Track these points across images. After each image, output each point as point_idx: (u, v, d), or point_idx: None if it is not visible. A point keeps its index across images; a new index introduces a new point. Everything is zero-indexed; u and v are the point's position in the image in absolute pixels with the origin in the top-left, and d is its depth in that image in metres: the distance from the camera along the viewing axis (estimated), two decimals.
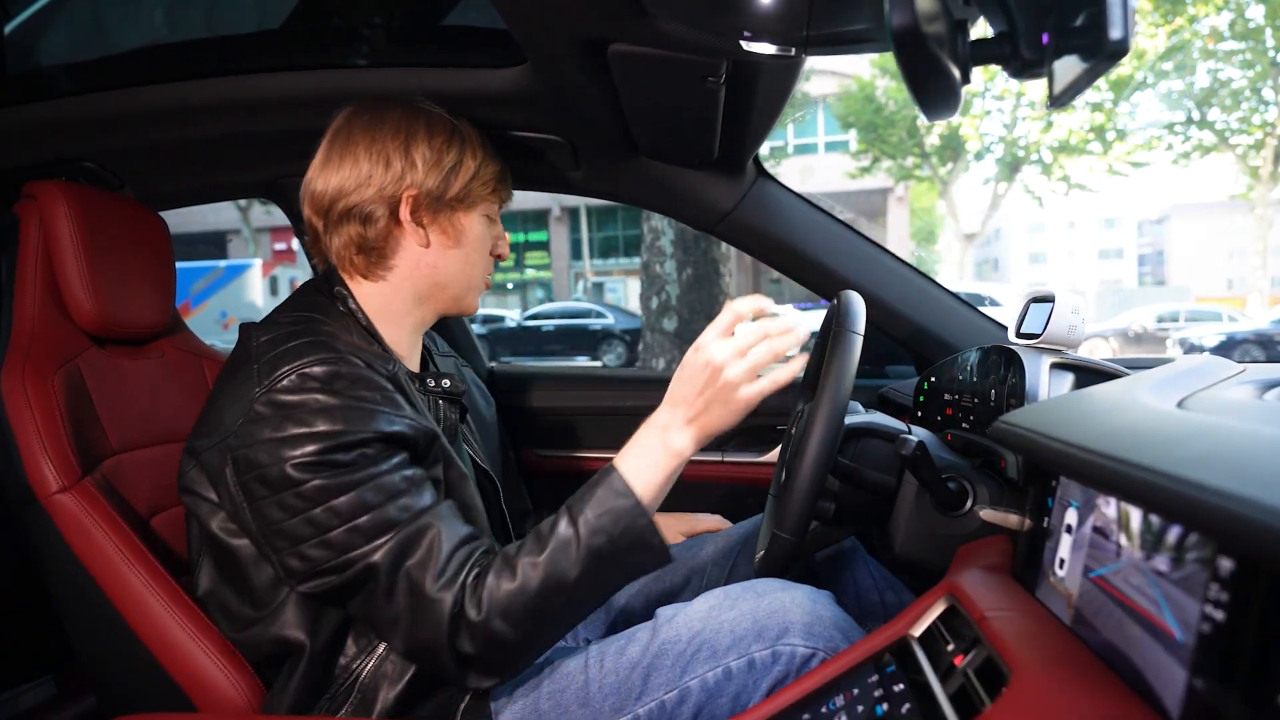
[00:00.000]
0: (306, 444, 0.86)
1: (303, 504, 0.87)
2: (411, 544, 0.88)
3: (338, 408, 0.88)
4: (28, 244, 1.16)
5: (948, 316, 1.55)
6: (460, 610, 0.86)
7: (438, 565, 0.87)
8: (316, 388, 0.89)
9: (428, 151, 1.03)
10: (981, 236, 19.29)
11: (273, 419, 0.88)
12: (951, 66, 0.53)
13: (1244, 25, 13.86)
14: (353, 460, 0.87)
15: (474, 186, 1.07)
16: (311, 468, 0.86)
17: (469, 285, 1.11)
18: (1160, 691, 0.53)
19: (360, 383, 0.91)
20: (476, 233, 1.09)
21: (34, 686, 1.51)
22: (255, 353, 0.94)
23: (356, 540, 0.87)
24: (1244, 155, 15.55)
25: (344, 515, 0.87)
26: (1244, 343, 12.38)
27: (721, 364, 0.88)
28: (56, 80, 1.37)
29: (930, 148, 16.70)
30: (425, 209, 1.04)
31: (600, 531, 0.87)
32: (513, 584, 0.86)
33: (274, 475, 0.87)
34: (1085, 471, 0.60)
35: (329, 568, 0.88)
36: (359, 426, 0.88)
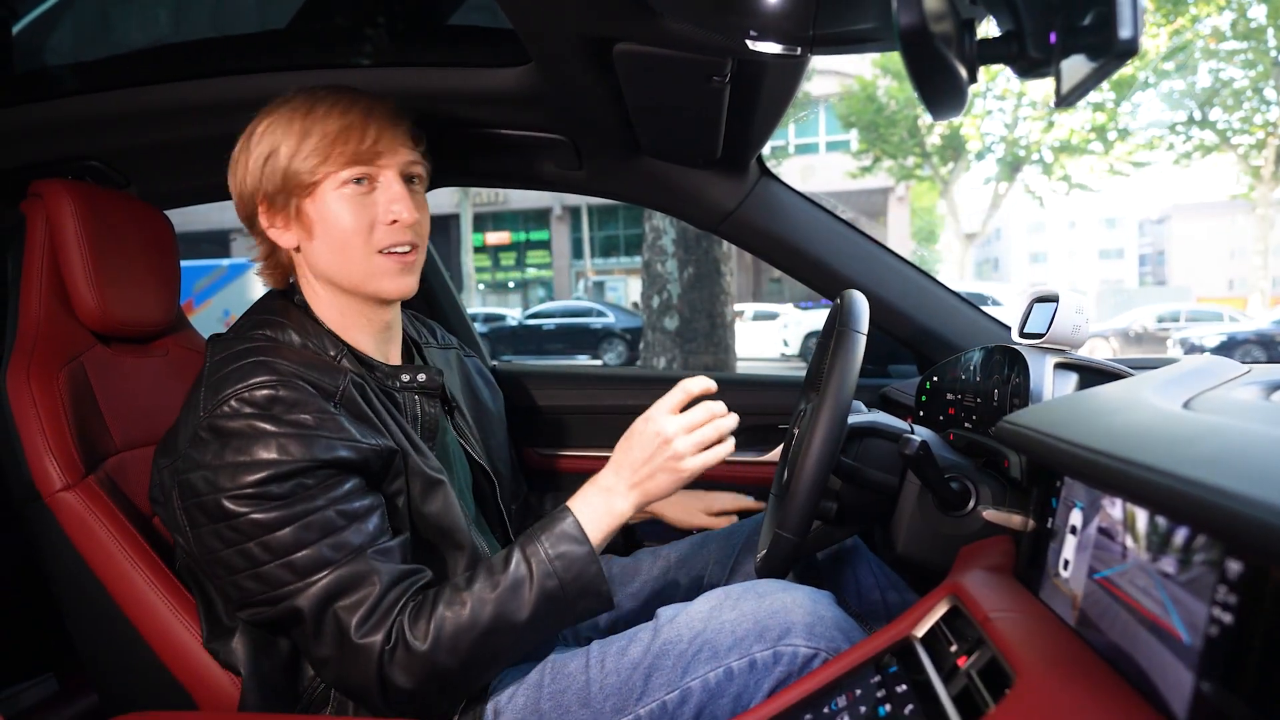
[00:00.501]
0: (242, 474, 0.85)
1: (238, 536, 0.86)
2: (343, 586, 0.86)
3: (275, 434, 0.86)
4: (34, 242, 1.16)
5: (950, 316, 1.55)
6: (394, 647, 0.85)
7: (367, 607, 0.86)
8: (254, 414, 0.87)
9: (249, 151, 0.98)
10: (982, 236, 19.27)
11: (212, 445, 0.87)
12: (958, 66, 0.53)
13: (1246, 25, 13.84)
14: (288, 492, 0.86)
15: (296, 168, 0.95)
16: (248, 500, 0.85)
17: (356, 272, 0.99)
18: (1166, 695, 0.53)
19: (299, 406, 0.88)
20: (329, 215, 0.97)
21: (36, 684, 1.51)
22: (207, 372, 0.93)
23: (288, 577, 0.86)
24: (1245, 155, 15.53)
25: (276, 551, 0.85)
26: (1245, 343, 12.36)
27: (671, 436, 0.93)
28: (63, 79, 1.37)
29: (931, 147, 16.69)
30: (275, 210, 0.99)
31: (553, 575, 0.90)
32: (463, 618, 0.87)
33: (210, 506, 0.86)
34: (1091, 472, 0.60)
35: (262, 600, 0.88)
36: (296, 455, 0.86)
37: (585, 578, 0.91)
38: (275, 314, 1.01)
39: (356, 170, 0.97)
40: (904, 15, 0.48)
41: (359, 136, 0.96)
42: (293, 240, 1.01)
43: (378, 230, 0.99)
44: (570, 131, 1.36)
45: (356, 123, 0.96)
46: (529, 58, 1.12)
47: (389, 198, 0.98)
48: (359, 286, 1.01)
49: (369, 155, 0.97)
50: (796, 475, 0.96)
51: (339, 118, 0.96)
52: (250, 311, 1.03)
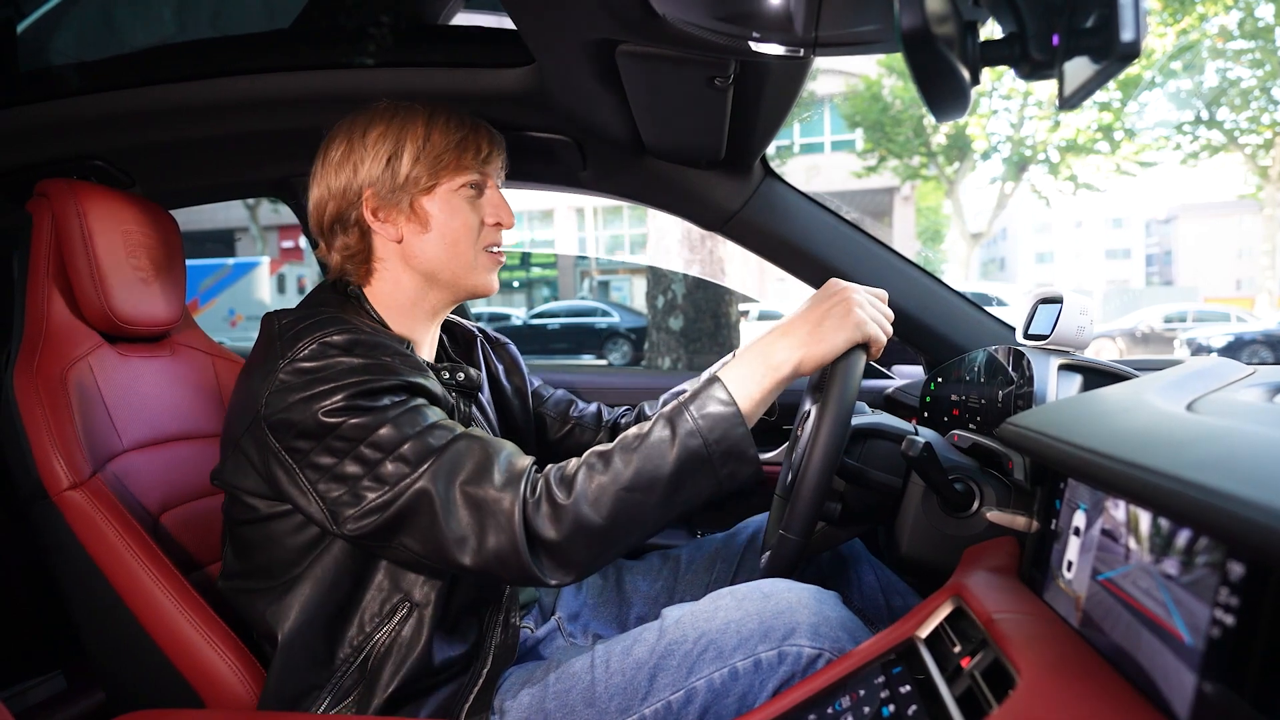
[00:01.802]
0: (336, 394, 0.90)
1: (345, 444, 0.90)
2: (458, 462, 0.90)
3: (361, 365, 0.92)
4: (40, 242, 1.17)
5: (955, 317, 1.55)
6: (539, 499, 0.88)
7: (493, 472, 0.89)
8: (337, 353, 0.93)
9: (365, 149, 1.04)
10: (988, 236, 19.23)
11: (299, 384, 0.91)
12: (961, 68, 0.53)
13: (1253, 24, 13.78)
14: (382, 402, 0.91)
15: (419, 169, 1.04)
16: (344, 411, 0.90)
17: (461, 266, 1.08)
18: (1169, 696, 0.53)
19: (379, 347, 0.95)
20: (445, 212, 1.06)
21: (43, 681, 1.52)
22: (277, 333, 0.97)
23: (403, 469, 0.89)
24: (1253, 155, 15.45)
25: (386, 447, 0.89)
26: (1252, 343, 12.31)
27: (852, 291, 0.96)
28: (68, 79, 1.38)
29: (937, 147, 16.65)
30: (384, 205, 1.05)
31: (696, 434, 0.89)
32: (604, 474, 0.88)
33: (311, 427, 0.90)
34: (1094, 474, 0.60)
35: (382, 502, 0.89)
36: (384, 375, 0.92)
37: (731, 439, 0.89)
38: (332, 306, 1.05)
39: (473, 177, 1.07)
40: (906, 17, 0.48)
41: (476, 147, 1.07)
42: (397, 233, 1.06)
43: (484, 231, 1.09)
44: (574, 131, 1.37)
45: (472, 135, 1.07)
46: (532, 58, 1.12)
47: (495, 204, 1.10)
48: (460, 279, 1.09)
49: (483, 164, 1.08)
50: (801, 476, 0.96)
51: (457, 129, 1.06)
52: (307, 303, 1.07)
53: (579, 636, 1.21)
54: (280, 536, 0.98)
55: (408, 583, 0.99)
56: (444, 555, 0.89)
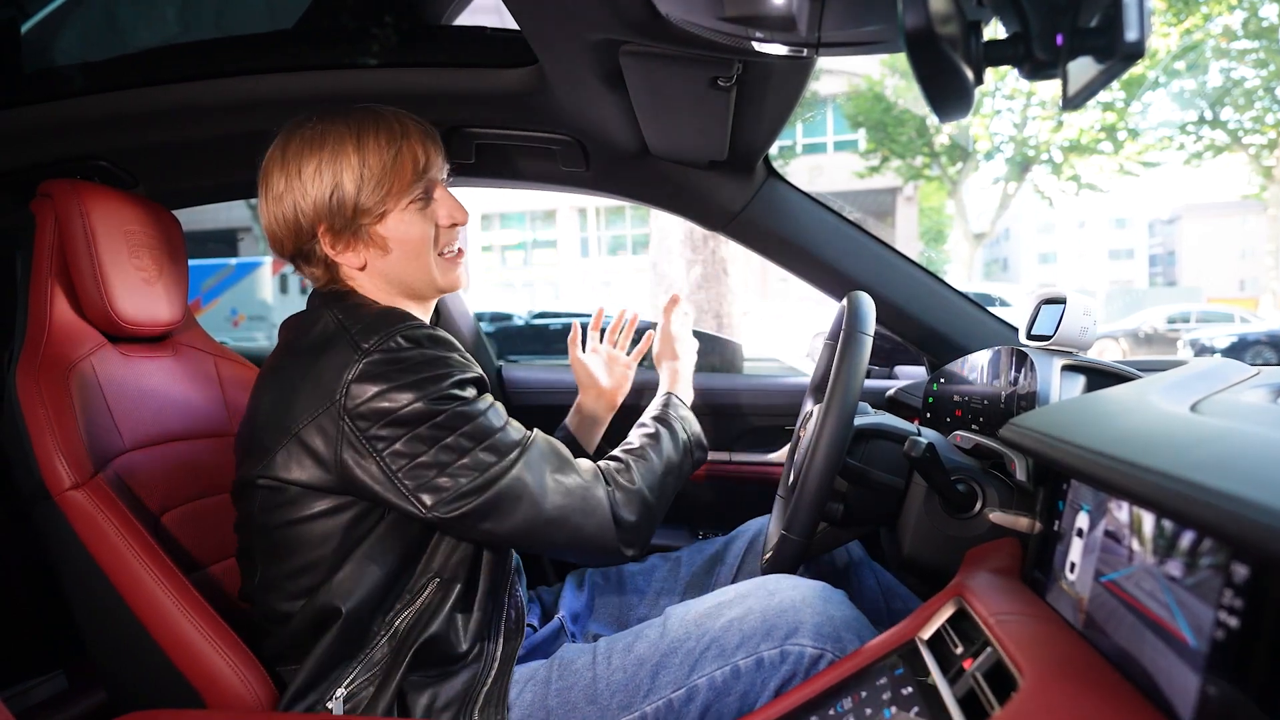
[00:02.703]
0: (426, 386, 0.93)
1: (441, 432, 0.93)
2: (543, 454, 1.00)
3: (443, 358, 0.97)
4: (43, 242, 1.17)
5: (958, 317, 1.54)
6: (616, 490, 1.04)
7: (575, 464, 1.03)
8: (425, 342, 0.97)
9: (304, 185, 1.01)
10: (990, 236, 19.20)
11: (386, 373, 0.93)
12: (965, 68, 0.53)
13: (1257, 24, 13.74)
14: (471, 395, 0.98)
15: (365, 198, 1.01)
16: (443, 399, 0.94)
17: (425, 274, 1.08)
18: (1172, 698, 0.53)
19: (447, 343, 1.00)
20: (400, 232, 1.04)
21: (45, 680, 1.52)
22: (342, 326, 0.98)
23: (492, 458, 0.95)
24: (1257, 155, 15.41)
25: (478, 437, 0.95)
26: (1256, 344, 12.27)
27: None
28: (71, 79, 1.38)
29: (939, 147, 16.62)
30: (339, 238, 1.03)
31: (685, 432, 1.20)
32: (647, 465, 1.10)
33: (407, 414, 0.92)
34: (1097, 475, 0.59)
35: (475, 487, 0.94)
36: (465, 371, 0.98)
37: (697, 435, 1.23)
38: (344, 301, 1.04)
39: (417, 190, 1.05)
40: (910, 17, 0.48)
41: (412, 158, 1.03)
42: (360, 260, 1.05)
43: (441, 235, 1.08)
44: (577, 131, 1.37)
45: (408, 148, 1.03)
46: (535, 58, 1.12)
47: (447, 207, 1.08)
48: (430, 286, 1.10)
49: (424, 173, 1.05)
50: (803, 477, 0.96)
51: (388, 145, 1.02)
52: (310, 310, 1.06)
53: (581, 637, 1.21)
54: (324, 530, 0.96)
55: (438, 560, 1.01)
56: (538, 536, 0.99)
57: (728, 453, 1.77)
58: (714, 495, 1.79)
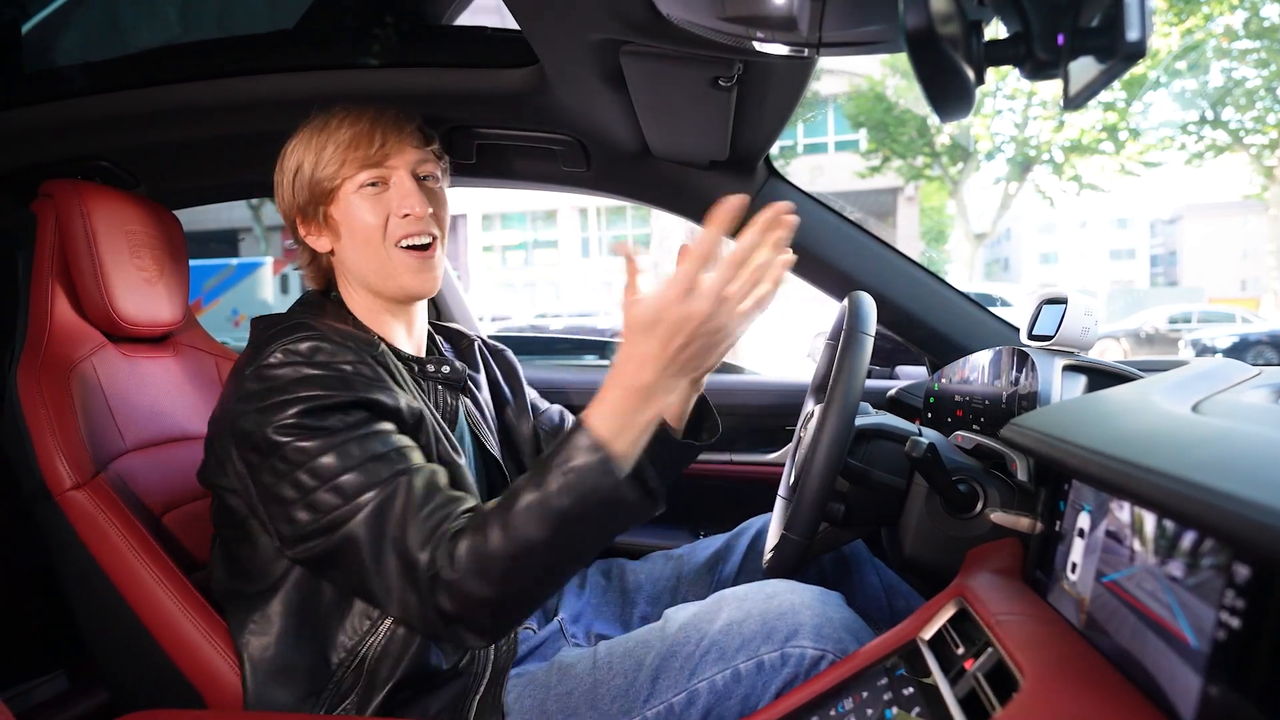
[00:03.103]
0: (288, 409, 0.89)
1: (287, 467, 0.89)
2: (388, 506, 0.86)
3: (317, 376, 0.91)
4: (44, 242, 1.17)
5: (959, 318, 1.54)
6: (436, 574, 0.83)
7: (418, 525, 0.85)
8: (299, 360, 0.92)
9: (284, 171, 1.07)
10: (992, 236, 19.18)
11: (259, 391, 0.91)
12: (966, 68, 0.53)
13: (1259, 24, 13.73)
14: (331, 424, 0.90)
15: (318, 178, 1.04)
16: (291, 430, 0.89)
17: (378, 268, 1.05)
18: (1174, 698, 0.53)
19: (339, 355, 0.94)
20: (350, 215, 1.04)
21: (46, 680, 1.52)
22: (250, 340, 1.00)
23: (335, 500, 0.87)
24: (1258, 155, 15.39)
25: (323, 476, 0.88)
26: (1258, 344, 12.26)
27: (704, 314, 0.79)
28: (72, 79, 1.38)
29: (941, 147, 16.62)
30: (305, 221, 1.08)
31: (565, 492, 0.80)
32: (484, 545, 0.81)
33: (260, 441, 0.90)
34: (1099, 475, 0.59)
35: (314, 530, 0.88)
36: (337, 391, 0.91)
37: (603, 490, 0.80)
38: (314, 306, 1.08)
39: (369, 174, 1.04)
40: (911, 17, 0.48)
41: (368, 142, 1.03)
42: (326, 245, 1.08)
43: (392, 224, 1.04)
44: (578, 131, 1.37)
45: (364, 130, 1.03)
46: (536, 58, 1.12)
47: (401, 194, 1.05)
48: (384, 283, 1.06)
49: (378, 158, 1.04)
50: (804, 477, 0.96)
51: (349, 127, 1.04)
52: (293, 306, 1.10)
53: (581, 637, 1.21)
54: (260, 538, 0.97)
55: None
56: (372, 602, 0.90)
57: (728, 453, 1.77)
58: (715, 496, 1.79)
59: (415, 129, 1.08)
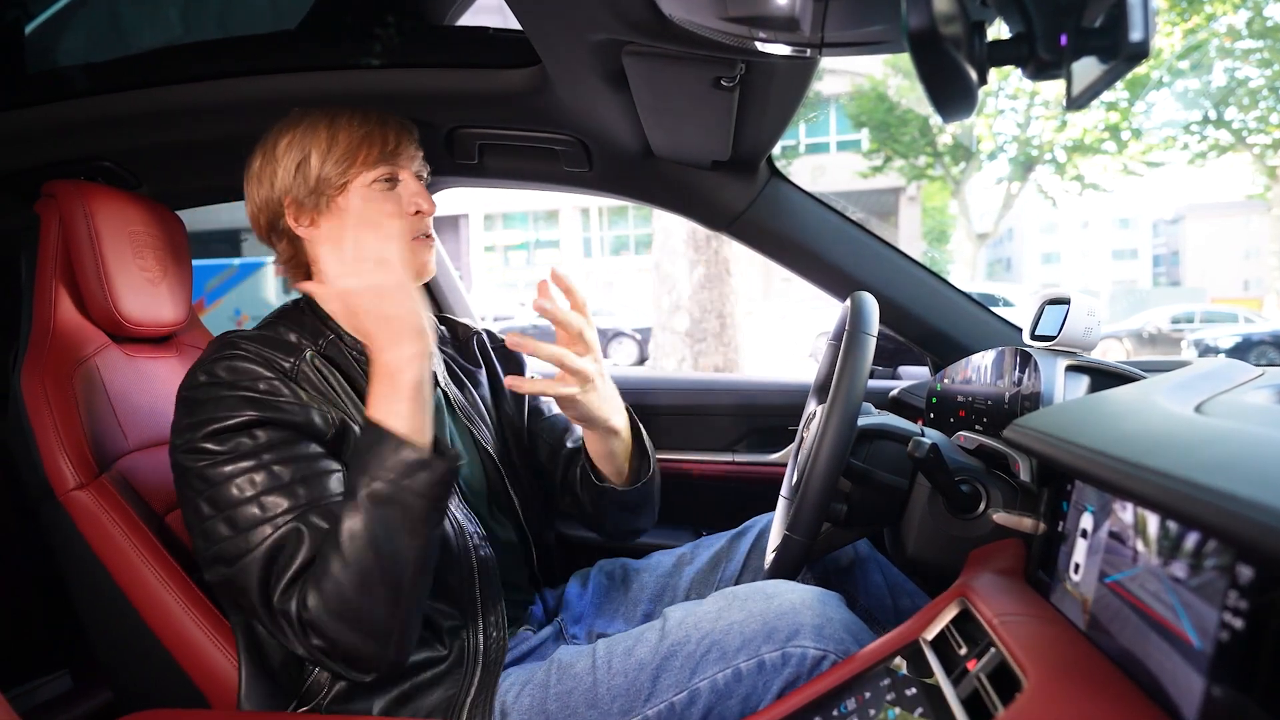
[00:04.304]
0: (194, 432, 0.92)
1: (191, 492, 0.92)
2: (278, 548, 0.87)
3: (223, 396, 0.93)
4: (47, 243, 1.17)
5: (961, 318, 1.54)
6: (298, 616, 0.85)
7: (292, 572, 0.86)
8: (209, 382, 0.94)
9: (277, 159, 1.07)
10: (994, 236, 19.16)
11: (178, 413, 0.95)
12: (968, 68, 0.53)
13: (1262, 24, 13.70)
14: (231, 448, 0.91)
15: (329, 169, 1.05)
16: (196, 454, 0.91)
17: None
18: (1177, 699, 0.53)
19: (250, 374, 0.95)
20: (359, 206, 1.05)
21: (50, 679, 1.52)
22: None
23: (226, 531, 0.88)
24: (1261, 155, 15.36)
25: (220, 505, 0.89)
26: (1260, 344, 12.24)
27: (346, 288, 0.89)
28: (75, 80, 1.38)
29: (943, 147, 16.60)
30: (304, 210, 1.07)
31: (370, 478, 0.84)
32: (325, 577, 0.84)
33: (176, 466, 0.93)
34: (1101, 476, 0.59)
35: (209, 558, 0.90)
36: (240, 409, 0.92)
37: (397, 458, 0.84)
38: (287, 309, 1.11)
39: (383, 170, 1.07)
40: (913, 17, 0.48)
41: (381, 141, 1.07)
42: (325, 235, 1.08)
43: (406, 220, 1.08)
44: (580, 132, 1.37)
45: (377, 129, 1.07)
46: (538, 59, 1.12)
47: (411, 192, 1.09)
48: None
49: (391, 157, 1.08)
50: (806, 477, 0.96)
51: (360, 125, 1.07)
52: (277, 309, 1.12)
53: (582, 637, 1.21)
54: None
55: None
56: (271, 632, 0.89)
57: (730, 453, 1.77)
58: (717, 496, 1.79)
59: (415, 134, 1.13)
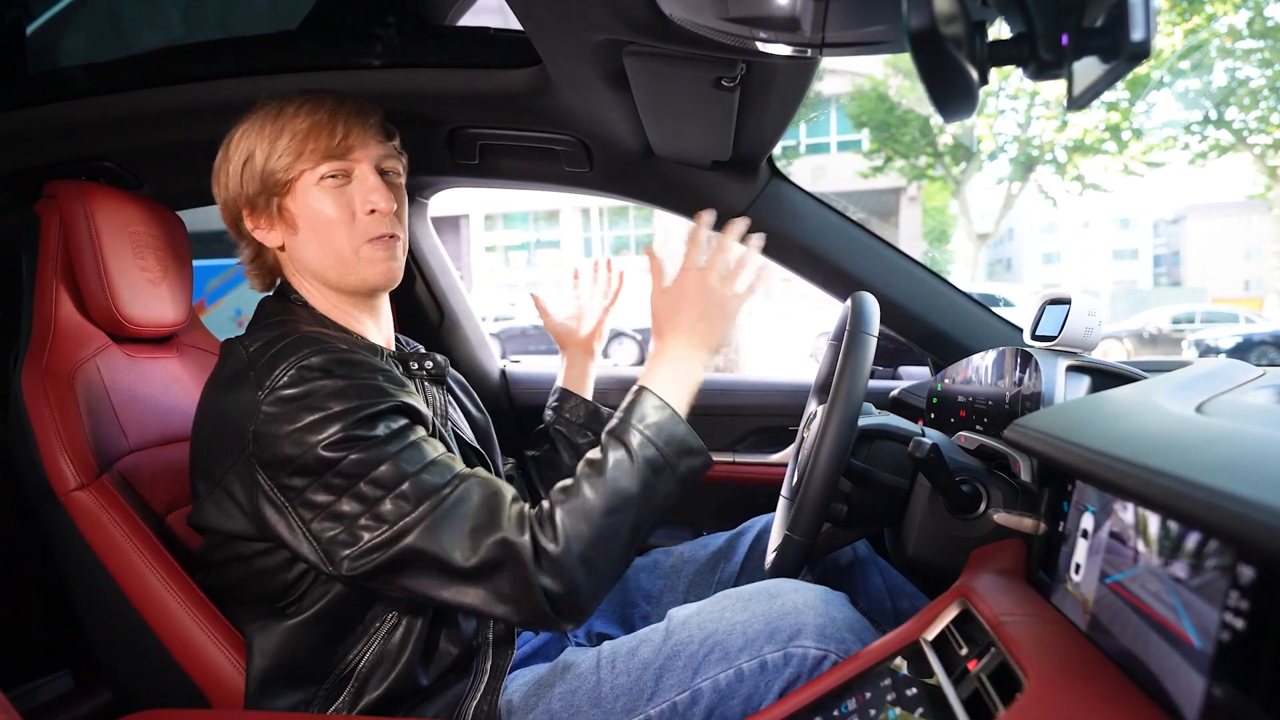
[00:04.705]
0: (330, 425, 0.86)
1: (344, 481, 0.86)
2: (461, 504, 0.87)
3: (347, 388, 0.88)
4: (48, 243, 1.17)
5: (962, 318, 1.54)
6: (537, 555, 0.85)
7: (501, 517, 0.86)
8: (319, 376, 0.88)
9: (229, 157, 1.00)
10: (995, 236, 19.14)
11: (286, 414, 0.86)
12: (969, 68, 0.53)
13: (1262, 24, 13.68)
14: (379, 432, 0.87)
15: (272, 169, 0.97)
16: (343, 444, 0.85)
17: (342, 263, 1.00)
18: (1178, 700, 0.53)
19: (358, 365, 0.91)
20: (310, 209, 0.99)
21: (51, 680, 1.52)
22: (248, 359, 0.92)
23: (404, 507, 0.85)
24: (1262, 155, 15.34)
25: (387, 484, 0.86)
26: (1261, 344, 12.23)
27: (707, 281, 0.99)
28: (76, 80, 1.38)
29: (943, 147, 16.59)
30: (256, 212, 1.01)
31: (649, 443, 0.91)
32: (581, 510, 0.87)
33: (310, 462, 0.86)
34: (1102, 476, 0.59)
35: (380, 542, 0.85)
36: (375, 399, 0.88)
37: (678, 438, 0.93)
38: (283, 315, 1.02)
39: (331, 165, 0.99)
40: (914, 17, 0.48)
41: (329, 133, 0.98)
42: (278, 239, 1.02)
43: (359, 221, 1.00)
44: (580, 132, 1.37)
45: (324, 120, 0.98)
46: (539, 59, 1.13)
47: (365, 189, 1.00)
48: (345, 277, 1.02)
49: (341, 150, 0.99)
50: (807, 477, 0.96)
51: (307, 116, 0.98)
52: (254, 321, 1.03)
53: (582, 637, 1.21)
54: (269, 573, 0.94)
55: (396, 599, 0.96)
56: (451, 599, 0.87)
57: (731, 453, 1.77)
58: (718, 496, 1.79)
59: (377, 121, 1.04)
